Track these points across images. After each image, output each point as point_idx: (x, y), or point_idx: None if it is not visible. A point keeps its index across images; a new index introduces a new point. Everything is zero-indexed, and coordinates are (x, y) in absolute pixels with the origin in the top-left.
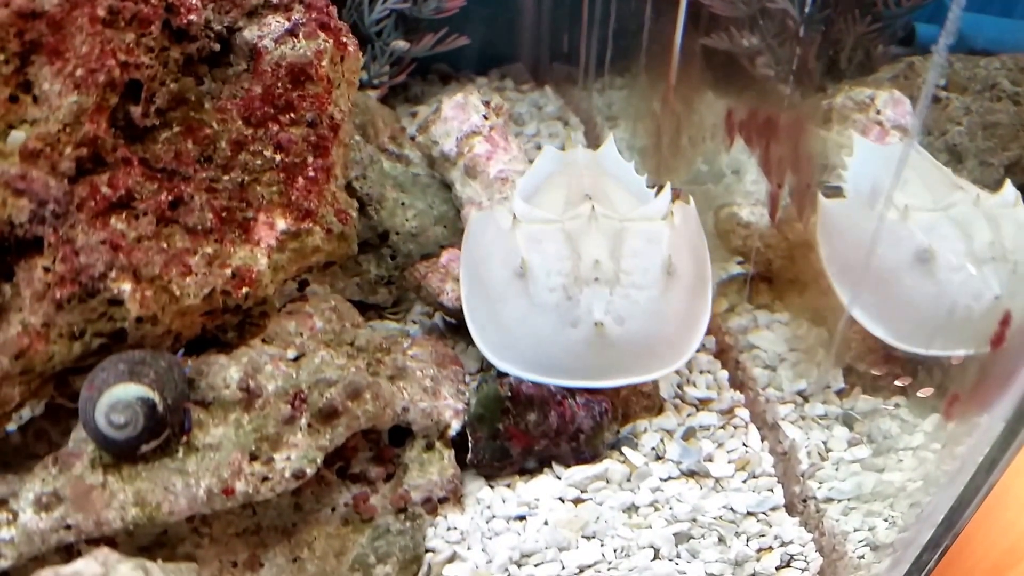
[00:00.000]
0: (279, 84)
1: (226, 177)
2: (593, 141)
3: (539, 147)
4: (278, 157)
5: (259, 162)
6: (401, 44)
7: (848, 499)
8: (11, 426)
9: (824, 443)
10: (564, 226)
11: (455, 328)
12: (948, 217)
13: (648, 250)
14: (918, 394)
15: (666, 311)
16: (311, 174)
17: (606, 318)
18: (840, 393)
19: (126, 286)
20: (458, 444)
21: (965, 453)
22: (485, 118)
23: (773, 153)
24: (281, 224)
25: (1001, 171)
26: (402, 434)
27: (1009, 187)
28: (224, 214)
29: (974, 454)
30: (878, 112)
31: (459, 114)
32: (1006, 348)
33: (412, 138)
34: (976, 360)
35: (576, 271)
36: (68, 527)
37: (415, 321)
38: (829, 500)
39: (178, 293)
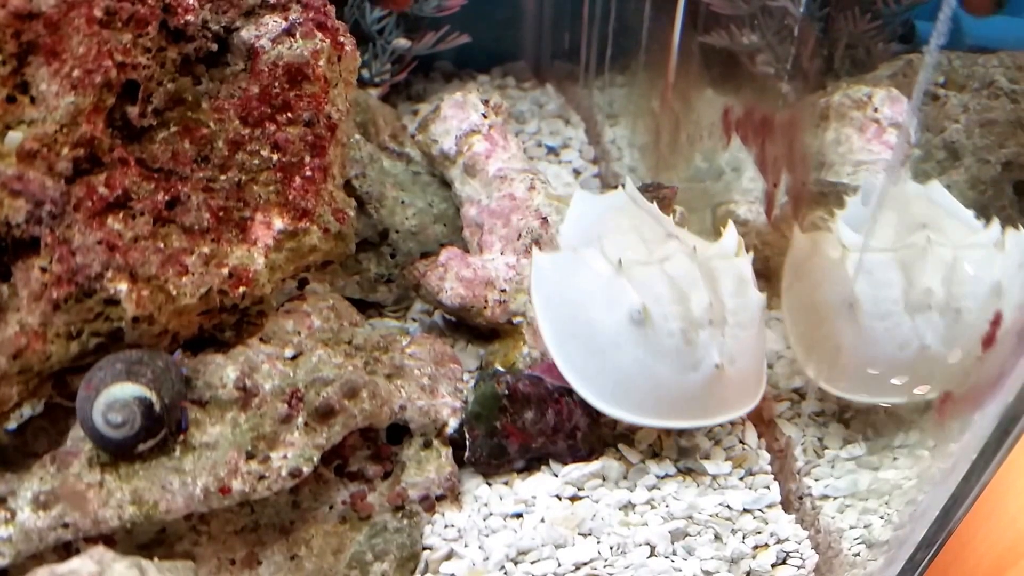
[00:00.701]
0: (276, 84)
1: (223, 177)
2: (594, 138)
3: (540, 144)
4: (275, 157)
5: (256, 162)
6: (402, 42)
7: (844, 496)
8: (10, 425)
9: (820, 440)
10: (664, 268)
11: (454, 326)
12: (895, 260)
13: (742, 289)
14: (914, 392)
15: (759, 347)
16: (308, 173)
17: (723, 360)
18: None
19: (122, 286)
20: (456, 442)
21: (958, 451)
22: (484, 116)
23: (769, 151)
24: (278, 224)
25: (998, 168)
26: (400, 432)
27: (995, 226)
28: (221, 214)
29: (967, 452)
30: (875, 110)
31: (458, 112)
32: (997, 348)
33: (412, 136)
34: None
35: (688, 314)
36: (66, 525)
37: (415, 319)
38: (825, 497)
39: (174, 293)
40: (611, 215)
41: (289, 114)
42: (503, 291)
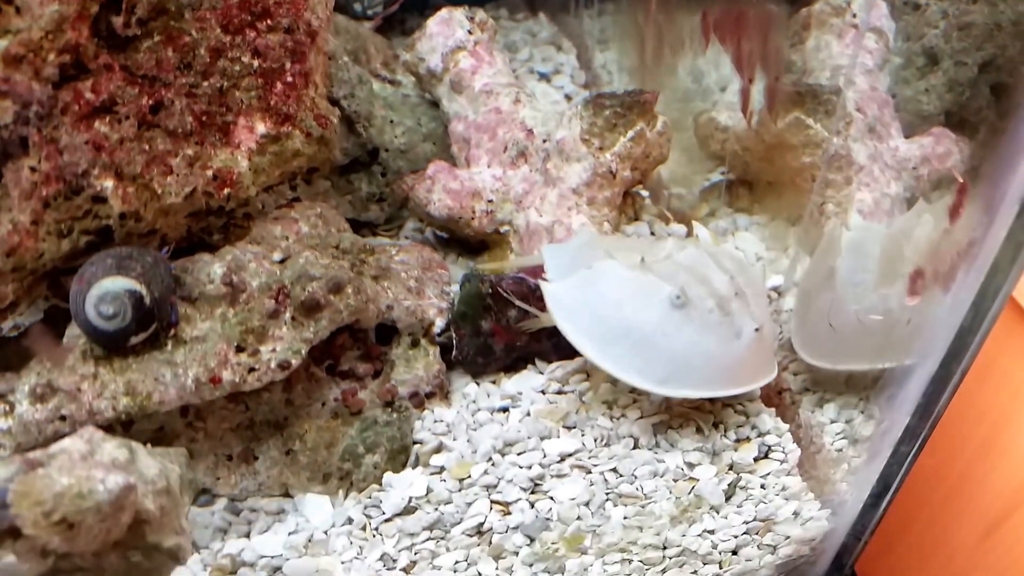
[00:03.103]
0: None
1: (205, 83)
2: (585, 64)
3: (532, 71)
4: (256, 63)
5: (238, 68)
6: None
7: (823, 391)
8: (12, 333)
9: None
10: (677, 260)
11: (445, 242)
12: (885, 236)
13: (743, 267)
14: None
15: (769, 315)
16: (289, 79)
17: (760, 324)
18: None
19: (108, 183)
20: (445, 346)
21: (933, 335)
22: (469, 33)
23: (744, 48)
24: (261, 128)
25: (975, 70)
26: (389, 333)
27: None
28: (204, 118)
29: (944, 335)
30: (854, 16)
31: (444, 29)
32: (964, 221)
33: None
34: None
35: (716, 291)
36: (63, 418)
37: (407, 237)
38: (804, 391)
39: (159, 191)
40: (591, 248)
41: (269, 21)
42: (490, 201)
